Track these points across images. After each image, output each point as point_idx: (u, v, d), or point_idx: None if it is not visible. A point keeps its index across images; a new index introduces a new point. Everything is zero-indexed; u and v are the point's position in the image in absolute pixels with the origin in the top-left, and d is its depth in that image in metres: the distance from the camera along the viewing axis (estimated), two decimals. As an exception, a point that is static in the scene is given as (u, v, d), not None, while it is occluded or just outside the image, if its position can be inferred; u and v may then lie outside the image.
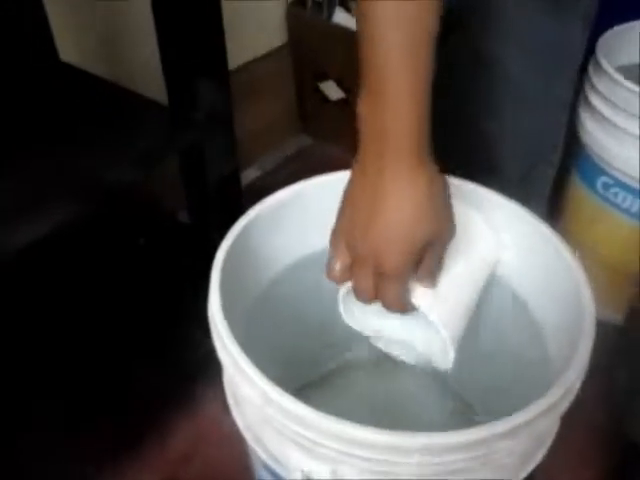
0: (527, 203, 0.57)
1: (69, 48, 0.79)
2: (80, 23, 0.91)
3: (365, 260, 0.46)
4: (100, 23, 0.95)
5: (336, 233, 0.49)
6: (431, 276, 0.48)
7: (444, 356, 0.52)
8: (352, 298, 0.50)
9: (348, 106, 1.27)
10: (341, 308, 0.53)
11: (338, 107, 1.30)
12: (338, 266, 0.48)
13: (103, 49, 0.96)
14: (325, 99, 1.31)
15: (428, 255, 0.47)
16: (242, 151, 0.78)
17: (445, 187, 0.46)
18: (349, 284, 0.49)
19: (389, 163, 0.43)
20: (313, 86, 1.31)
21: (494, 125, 0.65)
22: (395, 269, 0.45)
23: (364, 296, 0.48)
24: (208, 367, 0.70)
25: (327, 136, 1.34)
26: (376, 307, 0.50)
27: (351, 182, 0.47)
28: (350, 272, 0.48)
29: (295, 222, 0.60)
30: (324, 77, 1.29)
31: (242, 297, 0.56)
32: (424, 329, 0.52)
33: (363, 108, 0.44)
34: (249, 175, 1.26)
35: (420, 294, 0.49)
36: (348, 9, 1.20)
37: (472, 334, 0.55)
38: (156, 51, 0.68)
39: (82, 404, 0.75)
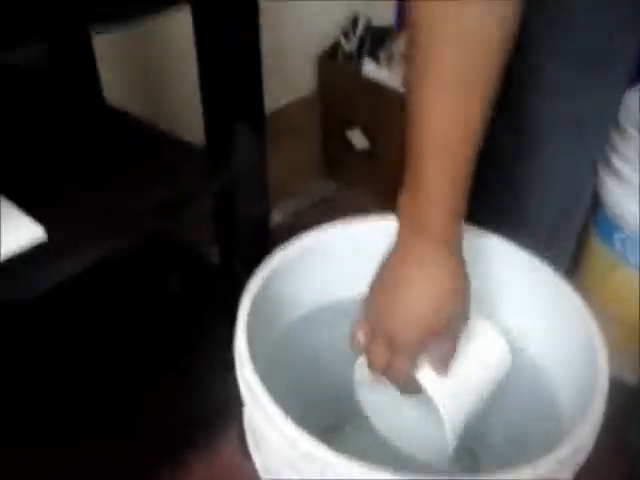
0: (553, 252, 0.59)
1: (115, 88, 0.83)
2: (127, 67, 0.96)
3: (381, 337, 0.49)
4: (146, 67, 1.00)
5: (364, 305, 0.51)
6: (443, 361, 0.51)
7: (442, 451, 0.53)
8: (366, 372, 0.52)
9: (373, 155, 1.31)
10: (355, 377, 0.55)
11: (364, 155, 1.33)
12: (362, 338, 0.51)
13: (146, 90, 1.01)
14: (351, 147, 1.35)
15: (441, 343, 0.49)
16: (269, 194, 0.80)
17: (466, 283, 0.49)
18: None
19: (419, 254, 0.47)
20: (340, 134, 1.35)
21: (527, 174, 0.67)
22: (406, 346, 0.48)
23: (376, 368, 0.50)
24: (227, 411, 0.70)
25: (352, 183, 1.37)
26: (388, 398, 0.53)
27: (384, 261, 0.50)
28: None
29: (318, 268, 0.62)
30: (351, 125, 1.32)
31: (265, 343, 0.58)
32: (425, 425, 0.53)
33: (402, 198, 0.48)
34: (274, 218, 1.29)
35: (429, 378, 0.51)
36: (377, 60, 1.25)
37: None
38: (196, 95, 0.71)
39: (97, 441, 0.76)
